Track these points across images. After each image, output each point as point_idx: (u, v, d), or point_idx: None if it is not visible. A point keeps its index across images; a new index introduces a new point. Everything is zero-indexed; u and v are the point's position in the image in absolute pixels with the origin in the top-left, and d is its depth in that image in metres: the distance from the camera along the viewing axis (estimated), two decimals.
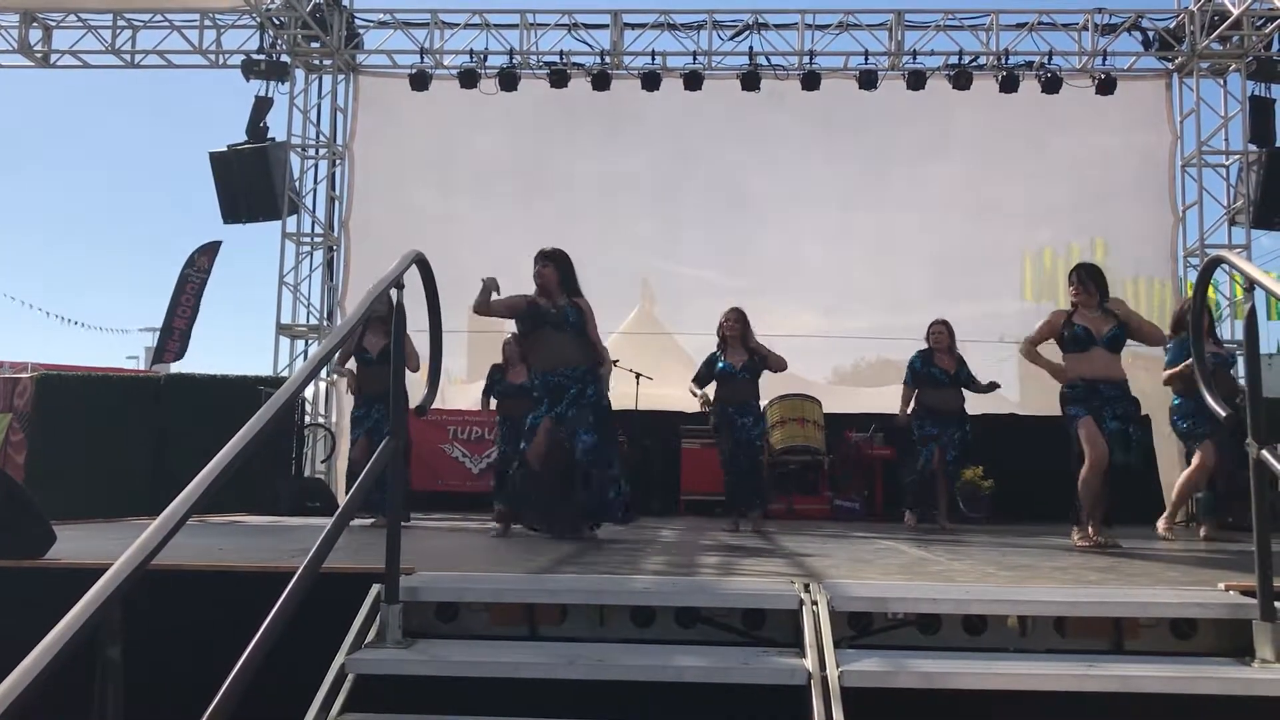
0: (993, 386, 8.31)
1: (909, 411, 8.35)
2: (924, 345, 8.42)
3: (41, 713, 1.77)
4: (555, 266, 6.42)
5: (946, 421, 8.15)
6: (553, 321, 6.31)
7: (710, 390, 7.92)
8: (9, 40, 13.01)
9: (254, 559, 4.42)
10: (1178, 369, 7.00)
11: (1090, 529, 6.05)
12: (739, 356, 7.74)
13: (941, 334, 8.31)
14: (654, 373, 10.75)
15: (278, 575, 2.98)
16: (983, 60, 12.56)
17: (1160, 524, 7.14)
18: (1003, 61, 12.44)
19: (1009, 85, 12.28)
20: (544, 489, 6.27)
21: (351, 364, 8.10)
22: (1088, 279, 6.20)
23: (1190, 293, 9.70)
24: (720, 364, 7.77)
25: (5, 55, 13.23)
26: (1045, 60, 12.43)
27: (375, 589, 3.38)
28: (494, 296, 6.26)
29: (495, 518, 8.78)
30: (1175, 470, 11.07)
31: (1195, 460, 7.05)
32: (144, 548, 2.11)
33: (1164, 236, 12.51)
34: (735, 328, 7.78)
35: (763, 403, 10.43)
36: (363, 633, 3.27)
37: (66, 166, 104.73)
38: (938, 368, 8.22)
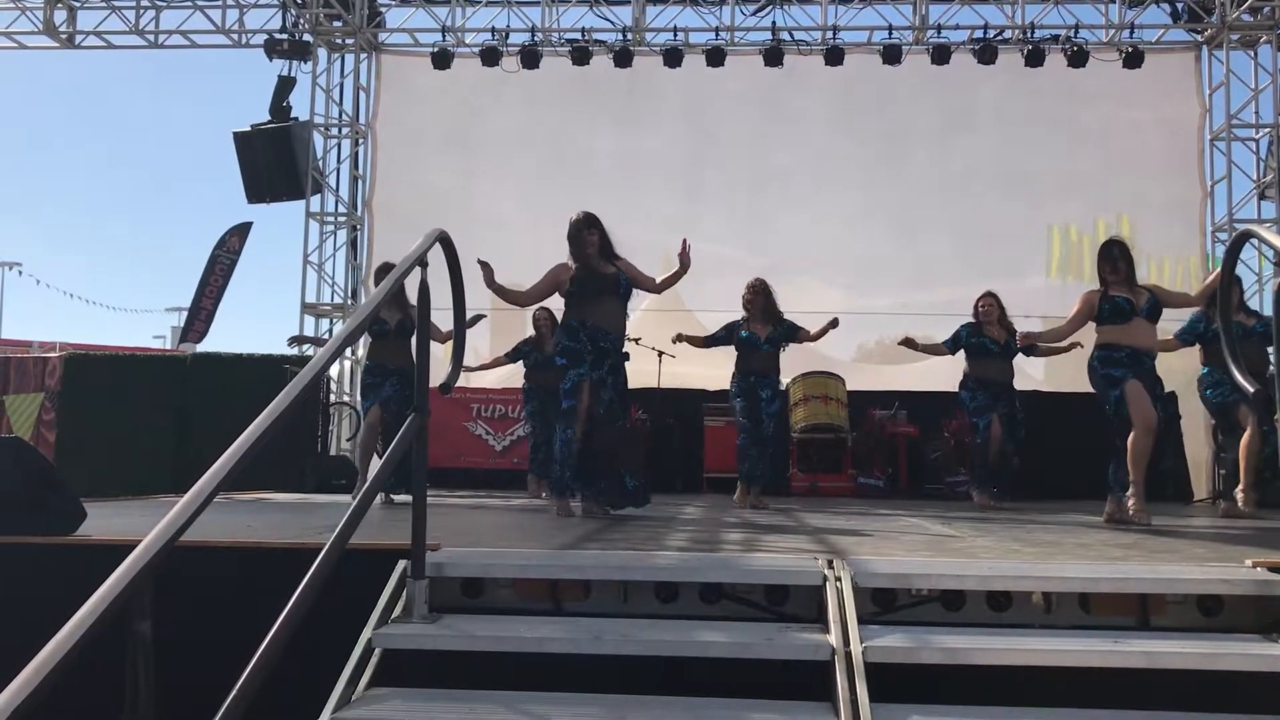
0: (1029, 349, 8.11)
1: (961, 381, 8.26)
2: (971, 319, 8.28)
3: (74, 685, 1.79)
4: (600, 232, 6.30)
5: (998, 394, 8.05)
6: (610, 288, 6.21)
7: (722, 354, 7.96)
8: (34, 21, 13.07)
9: (281, 535, 4.46)
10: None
11: (1132, 501, 5.94)
12: (762, 328, 7.73)
13: (991, 306, 8.16)
14: (675, 350, 10.73)
15: (305, 551, 3.01)
16: (1008, 34, 12.42)
17: (1239, 498, 7.04)
18: (1028, 35, 12.30)
19: (1034, 59, 12.15)
20: (596, 457, 6.21)
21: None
22: (1120, 256, 6.16)
23: (1217, 267, 9.60)
24: (744, 333, 7.76)
25: (31, 36, 13.29)
26: (1071, 34, 12.27)
27: (401, 565, 3.41)
28: (505, 283, 6.26)
29: (532, 493, 8.78)
30: (1202, 447, 11.06)
31: (1248, 425, 6.92)
32: (173, 524, 2.13)
33: (1192, 211, 12.38)
34: (755, 299, 7.76)
35: (785, 380, 10.46)
36: (389, 608, 3.30)
37: (89, 148, 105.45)
38: (988, 338, 8.10)
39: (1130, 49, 12.12)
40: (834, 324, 7.84)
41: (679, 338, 8.14)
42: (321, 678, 2.93)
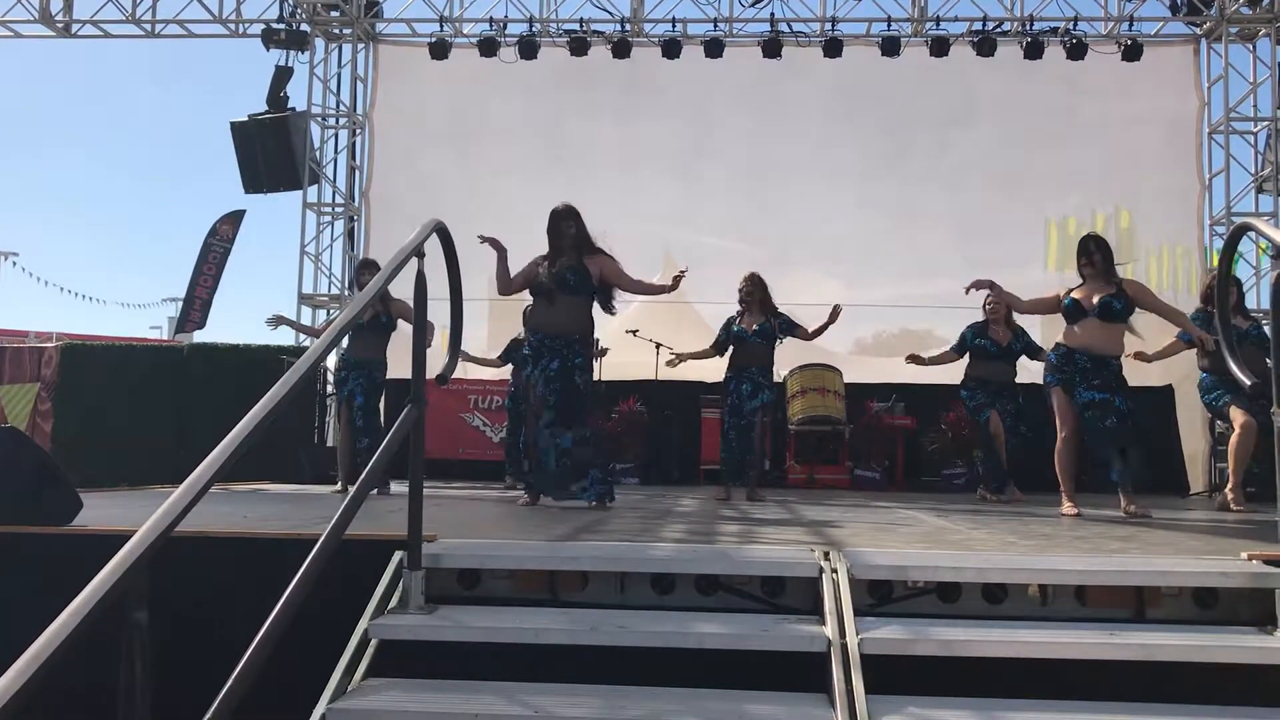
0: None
1: (962, 380, 8.28)
2: (978, 319, 8.30)
3: (70, 674, 1.79)
4: (577, 225, 6.34)
5: (997, 393, 8.05)
6: (565, 285, 6.23)
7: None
8: (30, 9, 13.00)
9: (278, 526, 4.45)
10: (1165, 347, 7.36)
11: (1066, 499, 6.18)
12: (753, 321, 7.75)
13: (998, 305, 8.19)
14: (674, 342, 10.71)
15: (301, 542, 3.01)
16: (1007, 26, 12.41)
17: (1228, 497, 7.07)
18: (1027, 28, 12.28)
19: (1033, 52, 12.13)
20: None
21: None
22: (1096, 250, 6.21)
23: (1216, 261, 9.61)
24: (735, 328, 7.80)
25: (26, 25, 13.23)
26: (1070, 26, 12.25)
27: (398, 555, 3.41)
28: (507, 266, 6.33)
29: (517, 486, 8.77)
30: (1199, 440, 11.07)
31: (1236, 426, 7.01)
32: (168, 514, 2.13)
33: (1190, 204, 12.37)
34: (754, 292, 7.79)
35: (782, 372, 10.46)
36: (386, 599, 3.30)
37: (85, 139, 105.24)
38: (989, 339, 8.12)
39: (1129, 42, 12.10)
40: (835, 316, 7.79)
41: (676, 360, 8.18)
42: (318, 668, 2.93)
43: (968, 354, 8.23)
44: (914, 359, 8.38)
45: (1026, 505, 7.33)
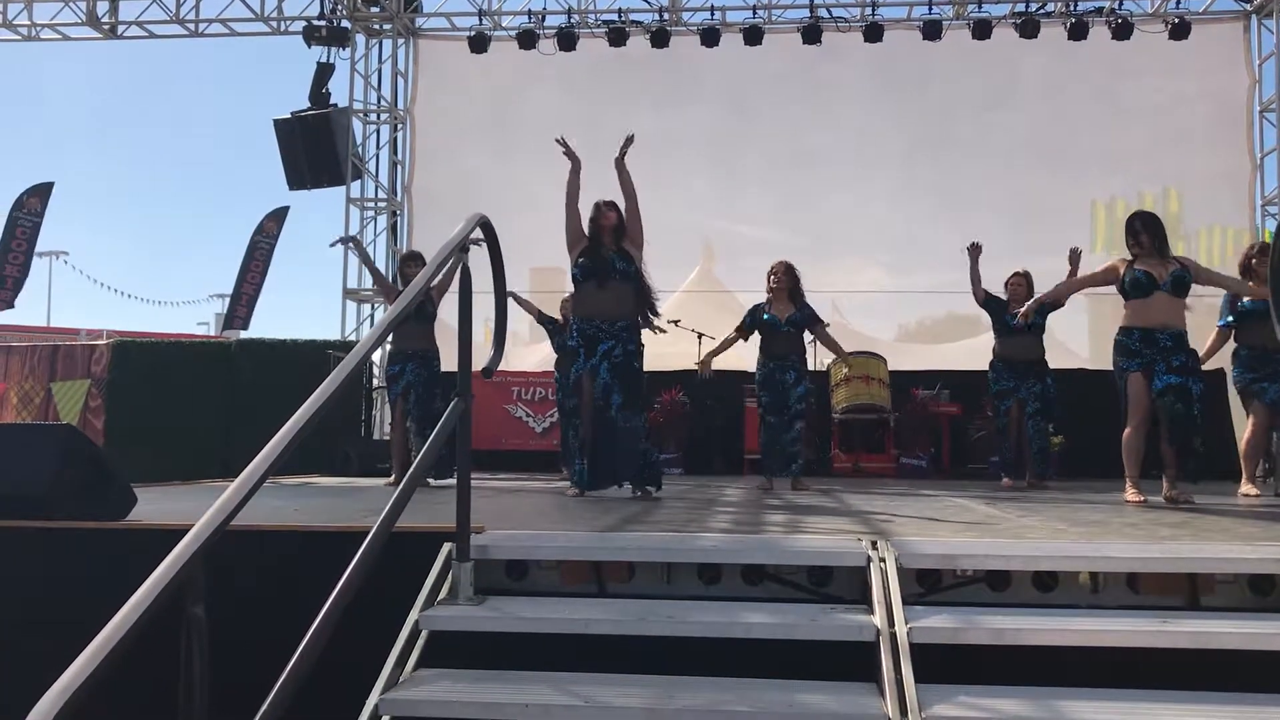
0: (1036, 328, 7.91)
1: (990, 360, 8.21)
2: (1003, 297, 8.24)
3: (130, 666, 1.83)
4: (618, 212, 6.46)
5: (1024, 373, 7.97)
6: (606, 270, 6.30)
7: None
8: (77, 12, 13.23)
9: (329, 519, 4.50)
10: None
11: (1130, 486, 6.02)
12: (784, 309, 7.68)
13: (1019, 285, 8.09)
14: (716, 331, 10.68)
15: (352, 535, 3.04)
16: (1050, 7, 12.24)
17: (1242, 488, 7.00)
18: (1071, 8, 12.11)
19: (1078, 33, 11.95)
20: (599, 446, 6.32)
21: None
22: (1143, 229, 6.06)
23: (1269, 238, 9.44)
24: (765, 315, 7.71)
25: (74, 28, 13.46)
26: (1115, 5, 12.07)
27: (447, 547, 3.43)
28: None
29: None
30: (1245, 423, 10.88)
31: (1249, 421, 6.99)
32: (224, 508, 2.16)
33: (1240, 184, 12.17)
34: (783, 280, 7.72)
35: (826, 360, 10.39)
36: (435, 590, 3.33)
37: (134, 140, 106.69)
38: (1011, 315, 8.05)
39: (1176, 20, 11.89)
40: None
41: (705, 366, 8.11)
42: (370, 659, 2.96)
43: (993, 332, 8.16)
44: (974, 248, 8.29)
45: (1077, 492, 7.25)
